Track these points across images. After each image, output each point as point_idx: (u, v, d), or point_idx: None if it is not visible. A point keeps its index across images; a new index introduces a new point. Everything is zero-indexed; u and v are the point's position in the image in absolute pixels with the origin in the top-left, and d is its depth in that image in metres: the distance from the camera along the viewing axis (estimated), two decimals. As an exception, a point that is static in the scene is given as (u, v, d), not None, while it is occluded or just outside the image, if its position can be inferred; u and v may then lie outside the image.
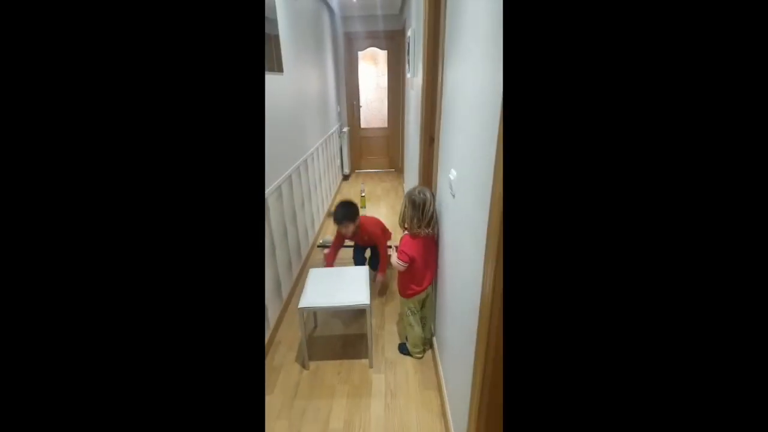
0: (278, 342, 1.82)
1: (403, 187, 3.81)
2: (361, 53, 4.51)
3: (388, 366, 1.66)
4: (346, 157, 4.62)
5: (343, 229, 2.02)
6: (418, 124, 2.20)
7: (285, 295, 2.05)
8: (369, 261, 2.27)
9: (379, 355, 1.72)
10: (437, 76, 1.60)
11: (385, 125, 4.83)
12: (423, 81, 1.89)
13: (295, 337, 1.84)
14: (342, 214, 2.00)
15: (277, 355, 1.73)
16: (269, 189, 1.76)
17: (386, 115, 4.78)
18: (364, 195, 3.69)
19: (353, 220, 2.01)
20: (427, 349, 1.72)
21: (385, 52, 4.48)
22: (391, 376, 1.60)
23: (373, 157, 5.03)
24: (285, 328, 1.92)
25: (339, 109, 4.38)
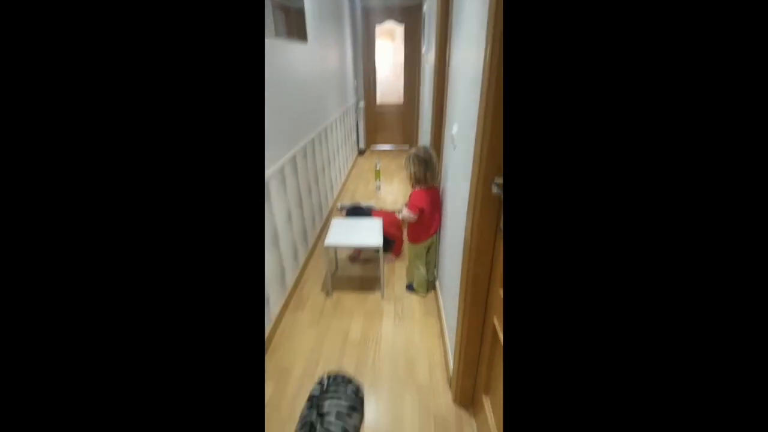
0: (305, 279, 2.16)
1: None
2: (379, 28, 4.67)
3: (397, 299, 1.98)
4: (362, 132, 4.86)
5: None
6: (431, 97, 2.44)
7: (310, 242, 2.38)
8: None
9: (389, 291, 2.04)
10: (446, 52, 1.84)
11: (401, 102, 5.03)
12: (435, 56, 2.12)
13: (319, 276, 2.17)
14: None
15: (305, 288, 2.08)
16: (296, 149, 2.05)
17: (402, 92, 4.97)
18: (378, 169, 3.96)
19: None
20: (430, 289, 2.03)
21: (402, 28, 4.63)
22: (399, 306, 1.93)
23: (388, 133, 5.25)
24: (311, 269, 2.26)
25: (356, 84, 4.59)
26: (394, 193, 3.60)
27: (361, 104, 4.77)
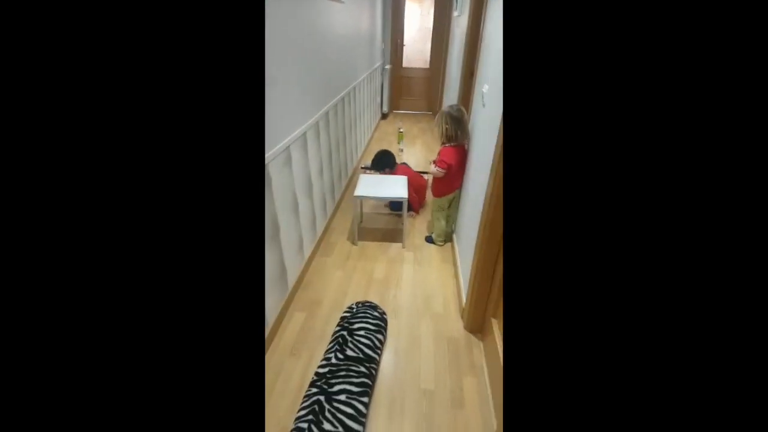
0: (332, 229, 2.36)
1: (436, 133, 4.13)
2: (409, -10, 4.59)
3: (416, 248, 2.17)
4: (387, 96, 4.91)
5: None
6: (461, 60, 2.50)
7: (337, 197, 2.56)
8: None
9: (409, 242, 2.23)
10: (481, 15, 1.89)
11: (427, 66, 5.01)
12: (468, 19, 2.17)
13: (344, 228, 2.37)
14: (382, 162, 2.54)
15: (332, 237, 2.28)
16: (329, 105, 2.18)
17: (428, 57, 4.94)
18: (402, 131, 4.05)
19: (392, 168, 2.46)
20: (448, 240, 2.20)
21: (432, -10, 4.54)
22: (419, 254, 2.12)
23: (412, 98, 5.28)
24: (337, 220, 2.46)
25: (383, 47, 4.59)
26: (416, 156, 3.71)
27: (388, 67, 4.79)
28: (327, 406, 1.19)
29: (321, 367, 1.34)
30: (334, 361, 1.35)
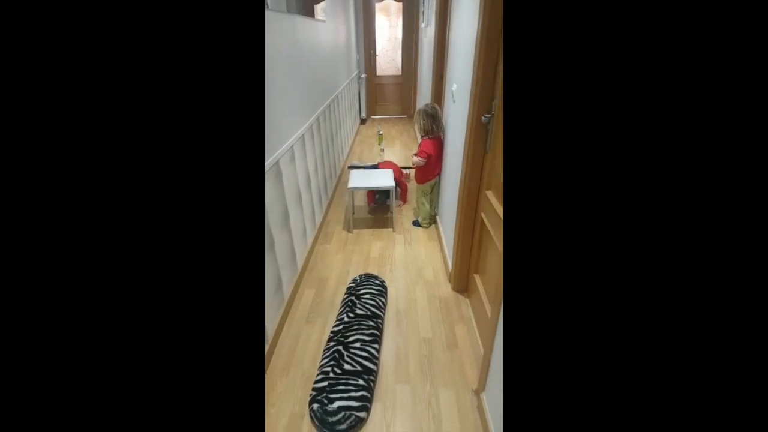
0: (328, 221, 2.61)
1: (415, 130, 4.46)
2: (378, 5, 4.93)
3: (405, 231, 2.46)
4: (364, 102, 5.21)
5: None
6: (431, 66, 2.83)
7: (330, 192, 2.82)
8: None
9: (398, 227, 2.51)
10: (446, 25, 2.22)
11: (399, 72, 5.36)
12: (435, 29, 2.50)
13: (339, 219, 2.63)
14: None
15: (329, 227, 2.53)
16: (318, 112, 2.45)
17: (400, 65, 5.29)
18: (381, 133, 4.35)
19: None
20: (432, 223, 2.50)
21: (399, 5, 4.91)
22: (408, 236, 2.40)
23: (387, 103, 5.61)
24: (332, 213, 2.71)
25: (358, 57, 4.91)
26: (396, 155, 4.02)
27: (363, 75, 5.10)
28: (345, 353, 1.43)
29: (335, 326, 1.59)
30: (346, 319, 1.60)
